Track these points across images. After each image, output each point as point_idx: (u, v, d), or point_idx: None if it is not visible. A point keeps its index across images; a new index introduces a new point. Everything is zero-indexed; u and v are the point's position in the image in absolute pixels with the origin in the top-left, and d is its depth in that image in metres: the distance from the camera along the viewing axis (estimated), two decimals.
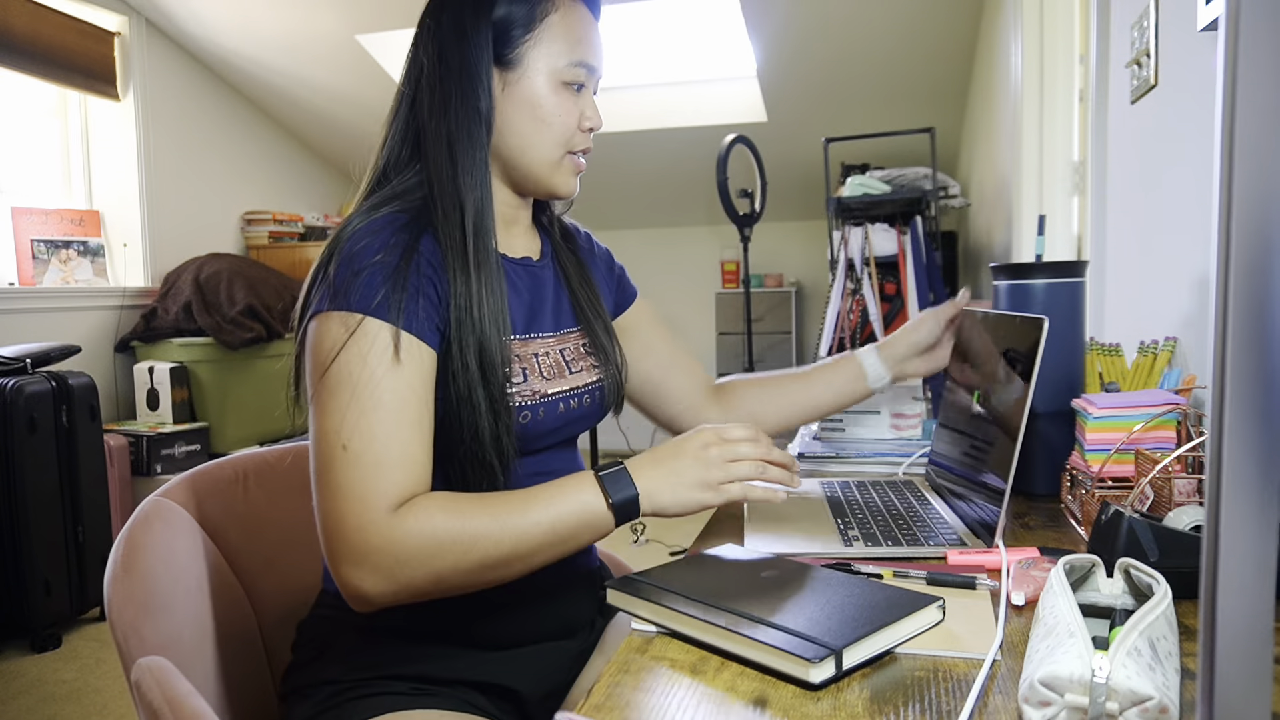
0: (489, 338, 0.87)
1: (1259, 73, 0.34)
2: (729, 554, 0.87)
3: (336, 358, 0.81)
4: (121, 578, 0.87)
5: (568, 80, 0.93)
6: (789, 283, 5.28)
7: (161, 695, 0.76)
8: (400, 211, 0.89)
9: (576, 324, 1.03)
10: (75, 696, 2.30)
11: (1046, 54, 2.56)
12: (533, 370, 0.93)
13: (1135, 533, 0.76)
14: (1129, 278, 1.62)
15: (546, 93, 0.93)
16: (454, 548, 0.78)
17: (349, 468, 0.79)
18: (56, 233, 3.58)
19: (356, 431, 0.79)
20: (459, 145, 0.91)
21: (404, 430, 0.81)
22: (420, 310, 0.85)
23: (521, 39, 0.92)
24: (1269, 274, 0.34)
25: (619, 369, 1.04)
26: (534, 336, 0.97)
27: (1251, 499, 0.35)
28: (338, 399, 0.80)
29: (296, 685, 0.91)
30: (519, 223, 1.02)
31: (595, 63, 0.96)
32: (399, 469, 0.80)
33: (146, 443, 3.29)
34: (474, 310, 0.87)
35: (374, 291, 0.82)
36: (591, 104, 0.97)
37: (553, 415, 0.94)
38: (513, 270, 0.98)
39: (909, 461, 1.34)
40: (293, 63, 4.08)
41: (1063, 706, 0.53)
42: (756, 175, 3.93)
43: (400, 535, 0.78)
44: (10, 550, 2.61)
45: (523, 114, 0.93)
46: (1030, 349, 0.92)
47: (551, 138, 0.94)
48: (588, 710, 0.61)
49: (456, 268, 0.87)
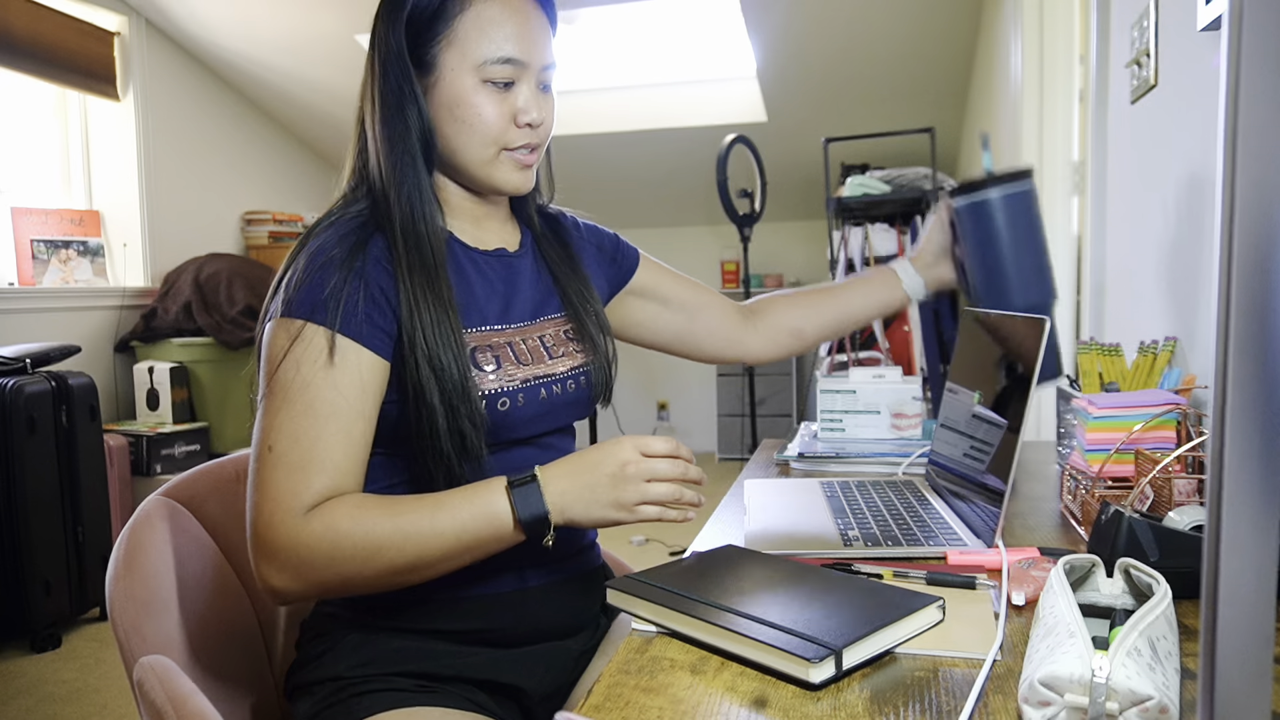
0: (434, 336, 0.87)
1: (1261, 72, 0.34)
2: (729, 554, 0.87)
3: (280, 365, 0.83)
4: (123, 577, 0.87)
5: (490, 78, 0.91)
6: (789, 283, 5.28)
7: (164, 694, 0.76)
8: (354, 217, 0.91)
9: (560, 310, 1.02)
10: (75, 696, 2.30)
11: (1046, 54, 2.56)
12: (506, 357, 0.93)
13: (1135, 533, 0.76)
14: (1129, 277, 1.62)
15: (466, 93, 0.91)
16: (356, 554, 0.79)
17: (271, 468, 0.81)
18: (56, 233, 3.58)
19: (281, 433, 0.82)
20: (391, 152, 0.92)
21: (327, 434, 0.82)
22: (362, 313, 0.85)
23: (434, 41, 0.91)
24: (1271, 273, 0.34)
25: (607, 359, 1.03)
26: (509, 326, 0.96)
27: (1252, 499, 0.35)
28: (274, 402, 0.83)
29: (301, 682, 0.92)
30: (493, 217, 1.02)
31: (524, 55, 0.92)
32: (318, 472, 0.81)
33: (146, 443, 3.29)
34: (416, 313, 0.87)
35: (315, 297, 0.84)
36: (530, 97, 0.93)
37: (535, 401, 0.94)
38: (485, 262, 0.98)
39: (909, 461, 1.33)
40: (293, 63, 4.08)
41: (1063, 706, 0.53)
42: (756, 175, 3.93)
43: (305, 537, 0.79)
44: (10, 550, 2.61)
45: (444, 116, 0.92)
46: (1031, 349, 0.92)
47: (476, 139, 0.92)
48: (588, 710, 0.61)
49: (401, 270, 0.88)
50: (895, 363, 3.46)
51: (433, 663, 0.90)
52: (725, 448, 5.30)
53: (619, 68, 4.41)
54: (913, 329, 3.38)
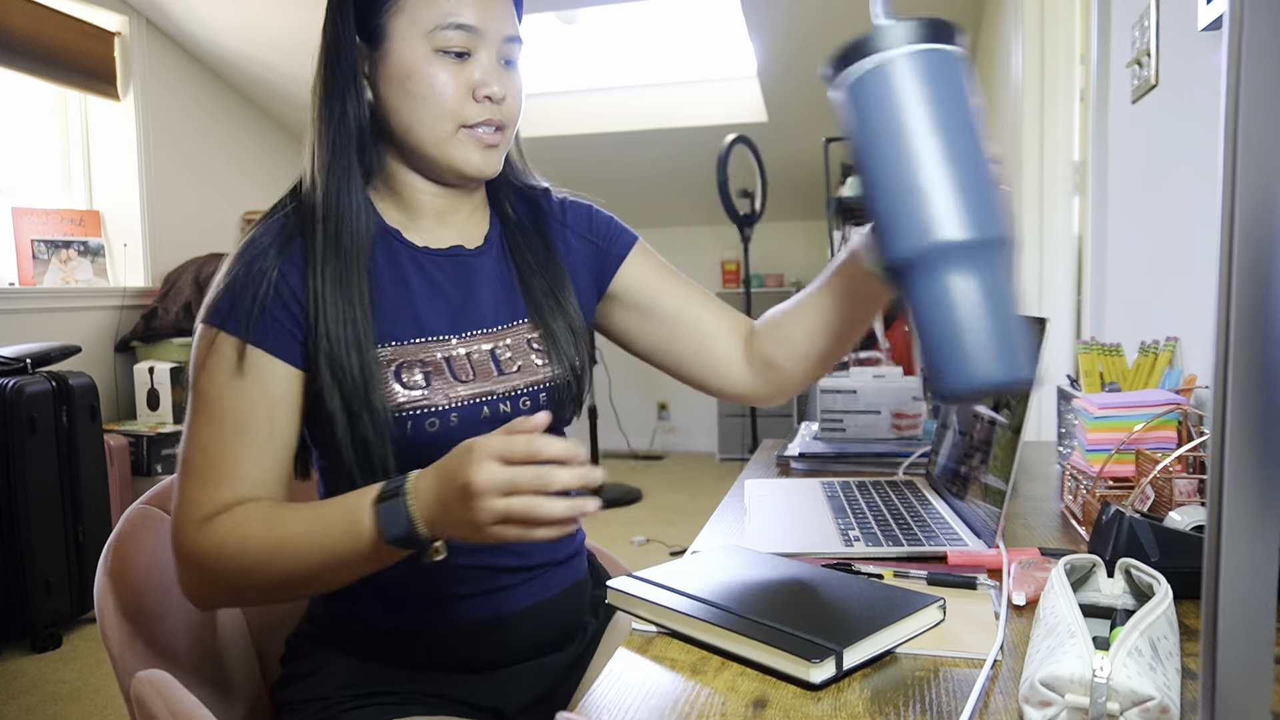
0: (336, 335, 0.82)
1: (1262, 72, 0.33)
2: (729, 554, 0.87)
3: (198, 372, 0.83)
4: (111, 590, 0.87)
5: (440, 46, 0.83)
6: (789, 283, 5.28)
7: (166, 709, 0.75)
8: (280, 218, 0.88)
9: (525, 315, 0.93)
10: (75, 696, 2.30)
11: (1047, 54, 2.56)
12: (439, 373, 0.86)
13: (1136, 533, 0.76)
14: (1129, 278, 1.62)
15: (417, 63, 0.84)
16: (233, 568, 0.78)
17: (183, 477, 0.82)
18: (56, 233, 3.58)
19: (193, 444, 0.82)
20: (325, 133, 0.86)
21: (234, 446, 0.81)
22: (272, 320, 0.82)
23: (385, 7, 0.84)
24: (1271, 273, 0.34)
25: (576, 370, 0.93)
26: (454, 337, 0.89)
27: (1253, 499, 0.35)
28: (191, 412, 0.83)
29: (288, 699, 0.91)
30: (458, 210, 0.94)
31: (477, 21, 0.84)
32: (221, 484, 0.80)
33: (146, 443, 3.29)
34: (320, 308, 0.82)
35: (226, 305, 0.82)
36: (488, 69, 0.85)
37: (473, 420, 0.86)
38: (433, 264, 0.91)
39: (909, 461, 1.33)
40: (293, 63, 4.08)
41: (1063, 707, 0.53)
42: (757, 175, 3.93)
43: (201, 547, 0.79)
44: (10, 550, 2.61)
45: (395, 90, 0.85)
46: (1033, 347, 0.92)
47: (430, 113, 0.84)
48: (588, 710, 0.61)
49: (313, 266, 0.84)
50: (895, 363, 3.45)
51: (417, 684, 0.89)
52: (726, 448, 5.30)
53: (619, 68, 4.41)
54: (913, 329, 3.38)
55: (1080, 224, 2.49)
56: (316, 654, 0.91)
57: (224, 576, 0.79)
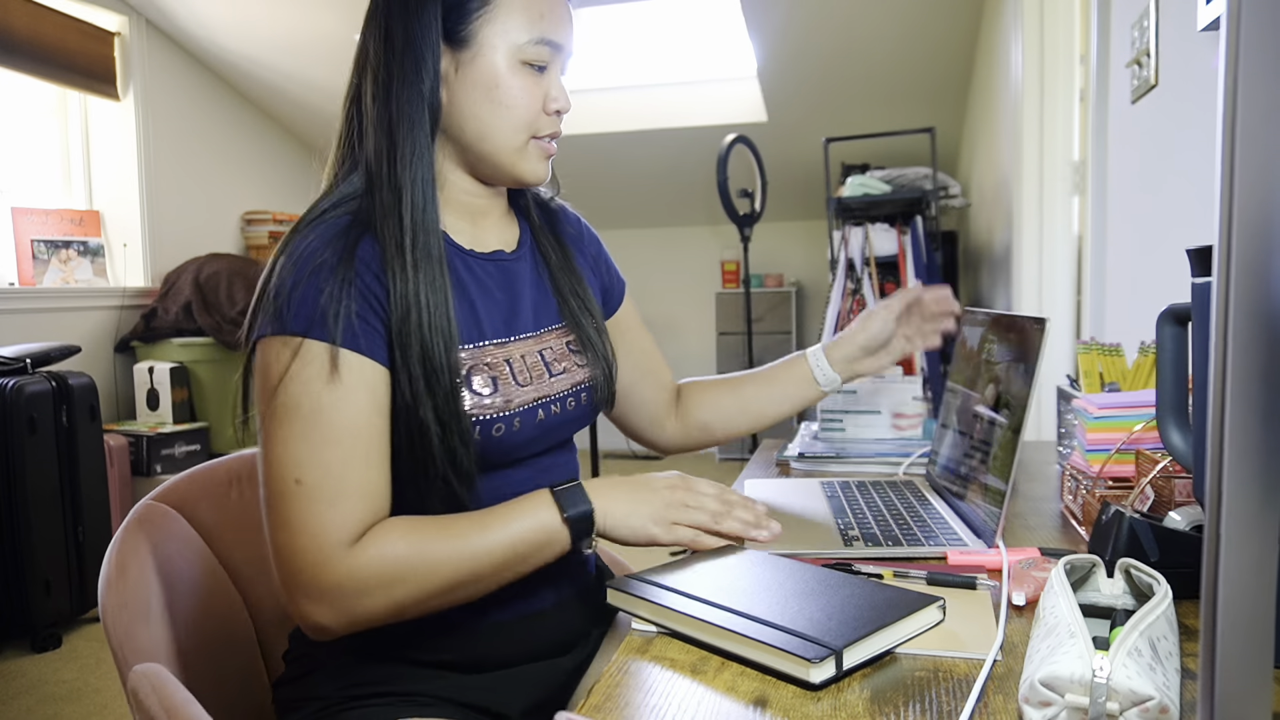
0: (431, 342, 0.81)
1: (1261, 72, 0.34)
2: (729, 554, 0.87)
3: (282, 385, 0.77)
4: (116, 584, 0.86)
5: (529, 59, 0.86)
6: (789, 283, 5.28)
7: (159, 703, 0.75)
8: (342, 215, 0.85)
9: (560, 319, 0.96)
10: (75, 696, 2.30)
11: (1047, 54, 2.56)
12: (504, 378, 0.87)
13: (1135, 533, 0.76)
14: (1129, 277, 1.62)
15: (505, 73, 0.85)
16: (413, 575, 0.77)
17: (304, 502, 0.77)
18: (56, 233, 3.58)
19: (309, 464, 0.77)
20: (399, 130, 0.84)
21: (357, 459, 0.78)
22: (359, 324, 0.80)
23: (475, 13, 0.85)
24: (1271, 273, 0.34)
25: (609, 365, 0.98)
26: (511, 340, 0.91)
27: (1252, 499, 0.35)
28: (287, 429, 0.77)
29: (288, 697, 0.90)
30: (490, 213, 0.95)
31: (561, 39, 0.88)
32: (354, 500, 0.78)
33: (146, 443, 3.29)
34: (413, 314, 0.81)
35: (309, 310, 0.78)
36: (558, 85, 0.90)
37: (531, 424, 0.89)
38: (481, 268, 0.91)
39: (909, 461, 1.33)
40: (293, 63, 4.08)
41: (1063, 707, 0.53)
42: (756, 175, 3.93)
43: (359, 569, 0.76)
44: (10, 550, 2.61)
45: (478, 96, 0.86)
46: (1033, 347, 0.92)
47: (511, 122, 0.87)
48: (588, 710, 0.61)
49: (396, 268, 0.82)
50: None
51: (420, 684, 0.89)
52: (725, 448, 5.30)
53: (619, 68, 4.41)
54: None
55: (1080, 224, 2.49)
56: (316, 654, 0.91)
57: (389, 591, 0.77)
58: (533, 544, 0.81)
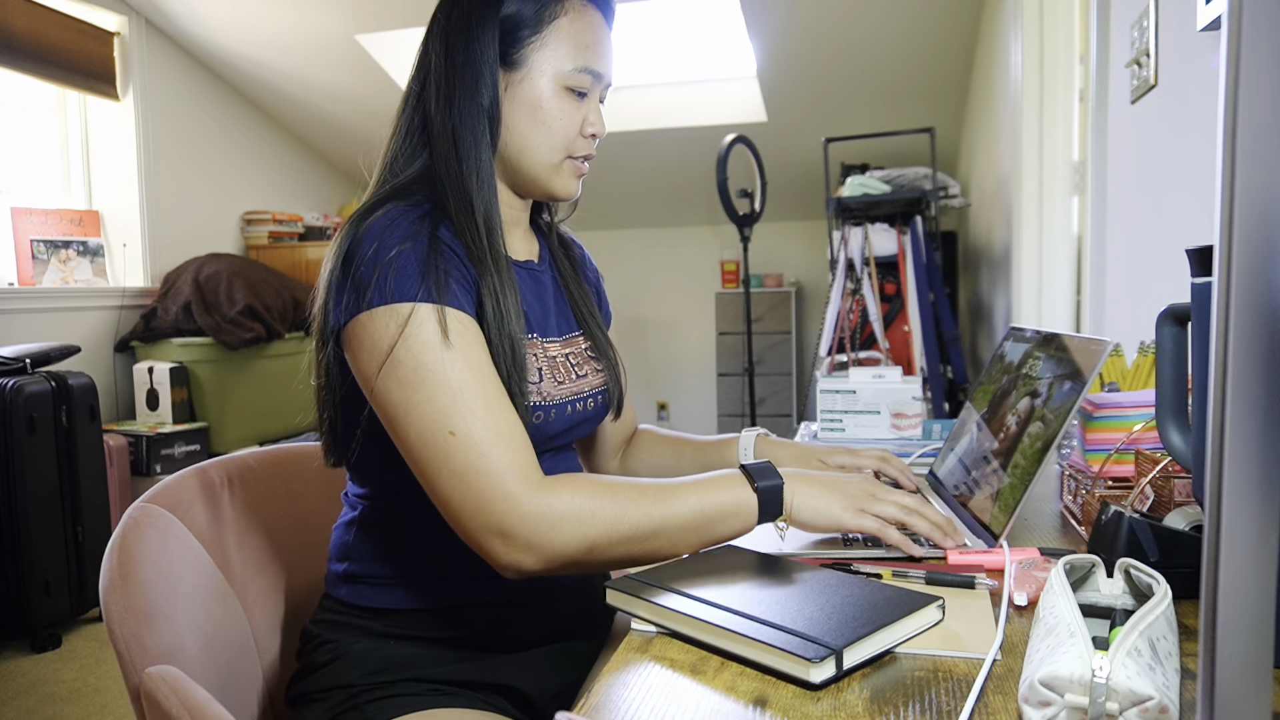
0: (517, 335, 0.87)
1: (1261, 72, 0.34)
2: (728, 554, 0.87)
3: (399, 351, 0.80)
4: (119, 586, 0.86)
5: (571, 85, 0.93)
6: (789, 283, 5.28)
7: (180, 703, 0.75)
8: (415, 201, 0.89)
9: (578, 328, 1.03)
10: (75, 696, 2.30)
11: (1046, 54, 2.56)
12: (550, 371, 0.95)
13: (1135, 533, 0.76)
14: (1129, 277, 1.62)
15: (549, 96, 0.92)
16: (604, 515, 0.80)
17: (466, 449, 0.79)
18: (56, 233, 3.58)
19: (457, 415, 0.80)
20: (463, 141, 0.90)
21: (496, 401, 0.82)
22: (457, 288, 0.85)
23: (528, 39, 0.91)
24: (1271, 273, 0.34)
25: (620, 377, 1.05)
26: (546, 339, 0.98)
27: (1252, 499, 0.35)
28: (422, 390, 0.80)
29: (307, 690, 0.91)
30: (520, 225, 1.02)
31: (602, 69, 0.95)
32: (512, 437, 0.81)
33: (146, 443, 3.29)
34: (502, 306, 0.87)
35: (411, 277, 0.82)
36: (596, 110, 0.96)
37: (562, 418, 0.95)
38: (518, 273, 0.98)
39: (909, 461, 1.33)
40: (293, 63, 4.08)
41: (1063, 706, 0.53)
42: (756, 175, 3.93)
43: (550, 502, 0.79)
44: (10, 550, 2.61)
45: (523, 114, 0.92)
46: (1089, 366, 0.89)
47: (550, 141, 0.93)
48: (588, 710, 0.61)
49: (480, 263, 0.88)
50: (895, 363, 3.46)
51: (444, 669, 0.90)
52: None
53: (619, 68, 4.41)
54: (912, 329, 3.38)
55: (1080, 224, 2.49)
56: (340, 640, 0.92)
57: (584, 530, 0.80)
58: (721, 510, 0.85)
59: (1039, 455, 0.91)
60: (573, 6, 0.93)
